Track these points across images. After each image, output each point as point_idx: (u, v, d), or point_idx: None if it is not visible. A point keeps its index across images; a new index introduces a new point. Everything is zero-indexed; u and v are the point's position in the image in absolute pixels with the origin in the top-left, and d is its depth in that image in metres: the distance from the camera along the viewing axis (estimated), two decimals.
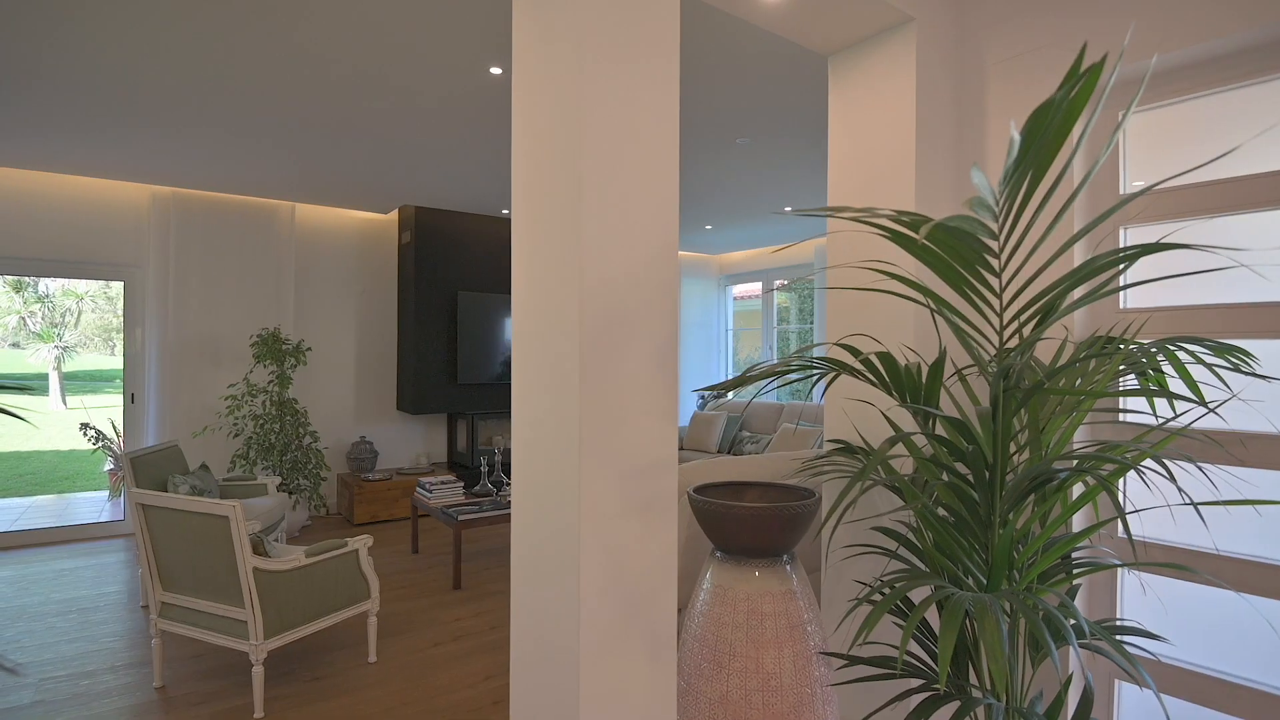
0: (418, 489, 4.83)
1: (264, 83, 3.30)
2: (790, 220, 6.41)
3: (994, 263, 1.11)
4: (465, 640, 3.40)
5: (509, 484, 5.17)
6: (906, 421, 1.89)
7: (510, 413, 6.71)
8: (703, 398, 7.47)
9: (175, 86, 3.35)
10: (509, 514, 4.36)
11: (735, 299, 8.89)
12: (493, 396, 6.50)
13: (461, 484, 4.84)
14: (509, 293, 6.60)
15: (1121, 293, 1.94)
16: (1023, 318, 1.21)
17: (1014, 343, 1.45)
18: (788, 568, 1.64)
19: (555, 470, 1.23)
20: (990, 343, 1.29)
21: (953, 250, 1.10)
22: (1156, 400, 1.94)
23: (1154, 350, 1.34)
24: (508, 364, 6.45)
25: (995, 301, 1.61)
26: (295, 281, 5.96)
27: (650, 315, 1.28)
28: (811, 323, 8.31)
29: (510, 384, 6.57)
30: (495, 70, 3.13)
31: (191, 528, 2.73)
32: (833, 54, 2.10)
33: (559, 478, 1.22)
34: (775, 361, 1.46)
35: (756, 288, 8.57)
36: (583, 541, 1.19)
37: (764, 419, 6.47)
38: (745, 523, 1.57)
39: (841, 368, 1.49)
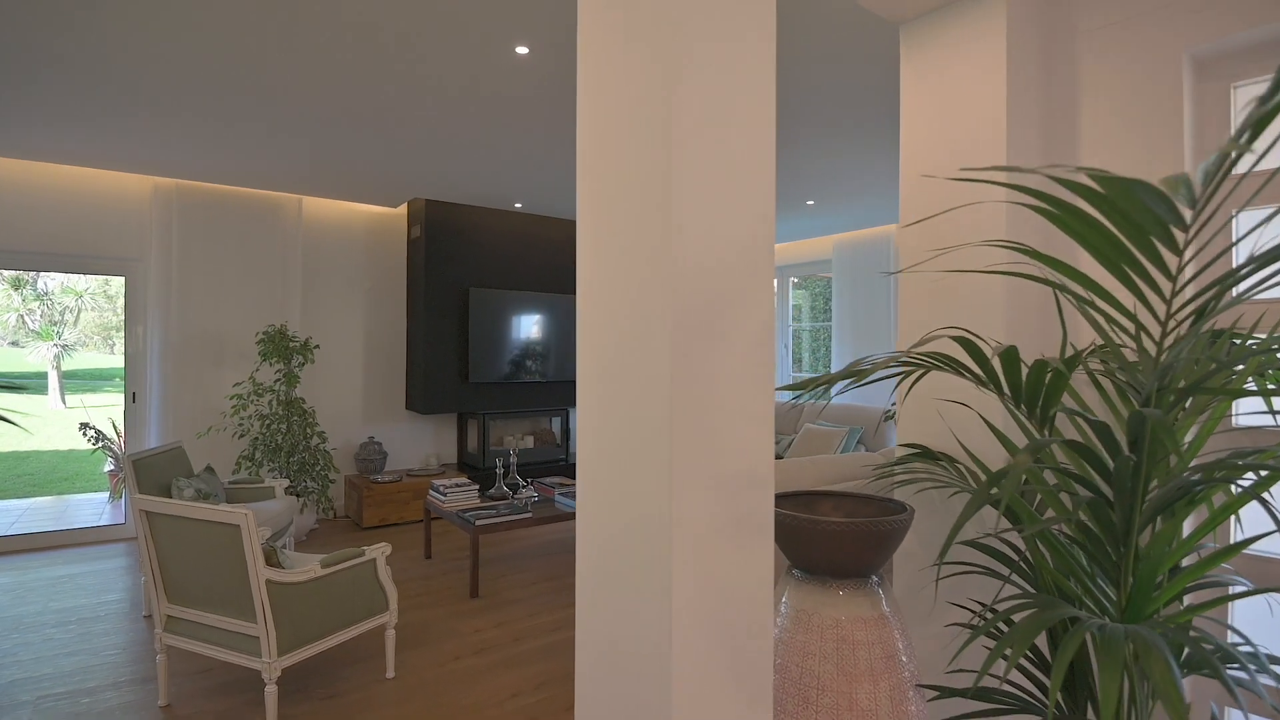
0: (430, 492, 4.65)
1: (270, 68, 3.11)
2: (810, 214, 6.23)
3: (1179, 238, 0.93)
4: (488, 653, 3.22)
5: (525, 486, 4.99)
6: (997, 419, 1.71)
7: (522, 414, 6.54)
8: None
9: (178, 73, 3.17)
10: (528, 518, 4.18)
11: None
12: (504, 396, 6.32)
13: (476, 486, 4.65)
14: (522, 289, 6.41)
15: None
16: (1190, 306, 1.03)
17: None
18: (878, 589, 1.46)
19: (639, 484, 1.05)
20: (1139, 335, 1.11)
21: (1125, 222, 0.92)
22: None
23: (1276, 348, 1.17)
24: (517, 363, 6.27)
25: (1166, 286, 1.43)
26: (302, 277, 5.78)
27: (746, 305, 1.10)
28: (827, 320, 8.13)
29: (522, 384, 6.42)
30: (521, 49, 2.95)
31: (199, 537, 2.54)
32: (906, 22, 1.92)
33: (645, 493, 1.04)
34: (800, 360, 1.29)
35: None
36: (675, 567, 1.01)
37: (784, 420, 6.29)
38: (835, 540, 1.39)
39: (939, 365, 1.32)
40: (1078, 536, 1.33)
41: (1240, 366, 1.18)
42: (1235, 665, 1.23)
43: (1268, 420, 1.74)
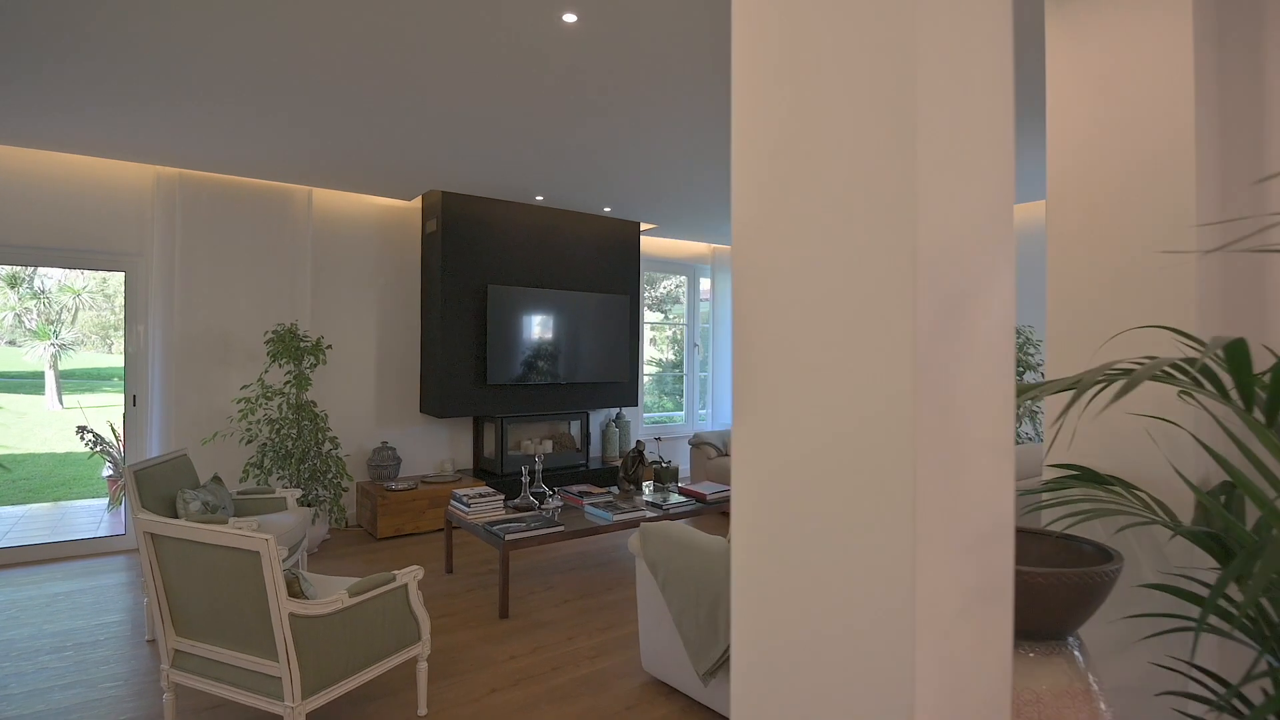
0: (452, 502, 4.36)
1: (279, 45, 2.81)
2: None
3: None
4: (527, 685, 2.92)
5: (551, 495, 4.70)
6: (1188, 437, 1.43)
7: (540, 417, 6.24)
8: None
9: (181, 54, 2.87)
10: (560, 531, 3.89)
11: None
12: (524, 398, 6.03)
13: (501, 496, 4.36)
14: (544, 286, 6.12)
15: None
16: None
17: None
18: (1077, 653, 1.17)
19: (863, 540, 0.76)
20: None
21: None
22: None
23: None
24: (536, 364, 5.97)
25: None
26: (312, 273, 5.47)
27: (988, 296, 0.81)
28: None
29: (541, 386, 6.12)
30: (569, 18, 2.65)
31: (212, 563, 2.25)
32: None
33: (874, 554, 0.75)
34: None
35: None
36: (919, 659, 0.72)
37: None
38: (1036, 595, 1.10)
39: (1193, 377, 1.03)
40: None
41: None
42: None
43: None
